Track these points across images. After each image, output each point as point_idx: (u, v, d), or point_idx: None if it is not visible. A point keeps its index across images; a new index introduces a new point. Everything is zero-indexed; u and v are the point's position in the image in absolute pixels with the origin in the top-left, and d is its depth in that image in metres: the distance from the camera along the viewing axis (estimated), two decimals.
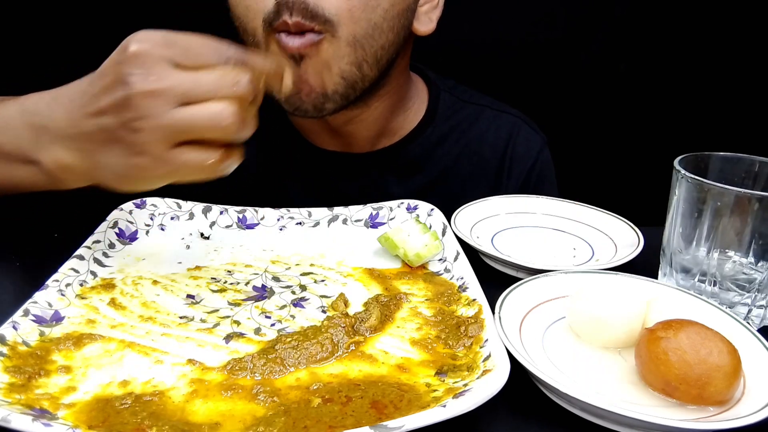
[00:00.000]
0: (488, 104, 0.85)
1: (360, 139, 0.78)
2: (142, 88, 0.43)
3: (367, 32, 0.63)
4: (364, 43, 0.64)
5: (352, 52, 0.64)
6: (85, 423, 0.36)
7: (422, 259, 0.57)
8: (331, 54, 0.62)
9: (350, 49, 0.63)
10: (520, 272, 0.58)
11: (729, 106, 1.11)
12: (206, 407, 0.39)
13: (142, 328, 0.47)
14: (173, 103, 0.43)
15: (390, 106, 0.76)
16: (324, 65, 0.63)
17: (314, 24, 0.60)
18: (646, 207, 0.67)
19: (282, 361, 0.43)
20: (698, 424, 0.35)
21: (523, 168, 0.82)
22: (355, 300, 0.52)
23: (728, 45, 1.08)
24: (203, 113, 0.44)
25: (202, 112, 0.44)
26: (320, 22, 0.60)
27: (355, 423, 0.37)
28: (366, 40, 0.64)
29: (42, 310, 0.46)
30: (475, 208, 0.68)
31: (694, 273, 0.52)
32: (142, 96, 0.43)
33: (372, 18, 0.63)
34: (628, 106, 1.13)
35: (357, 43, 0.63)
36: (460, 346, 0.45)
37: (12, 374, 0.39)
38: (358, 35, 0.63)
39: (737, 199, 0.48)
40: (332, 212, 0.66)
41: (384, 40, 0.65)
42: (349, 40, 0.62)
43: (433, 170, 0.81)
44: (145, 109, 0.43)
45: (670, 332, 0.40)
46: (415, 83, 0.82)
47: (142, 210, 0.63)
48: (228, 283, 0.54)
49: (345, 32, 0.62)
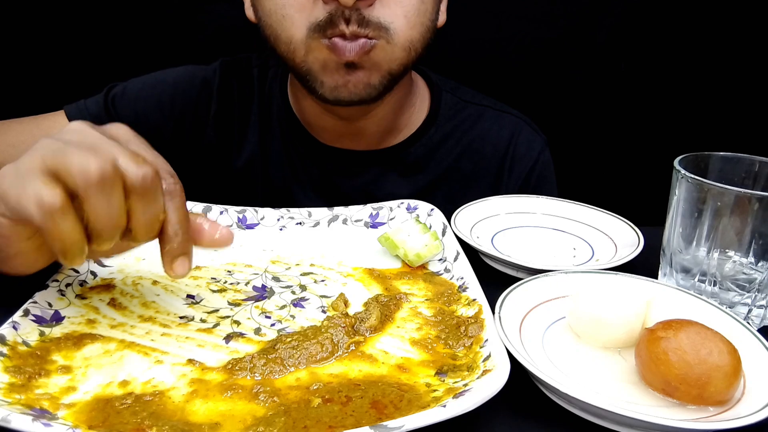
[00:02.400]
0: (489, 105, 0.85)
1: (368, 135, 0.78)
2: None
3: (422, 35, 0.66)
4: (419, 46, 0.67)
5: (405, 56, 0.66)
6: (85, 423, 0.36)
7: (422, 259, 0.57)
8: (383, 58, 0.64)
9: (405, 53, 0.66)
10: (520, 272, 0.58)
11: (729, 106, 1.11)
12: (206, 407, 0.39)
13: (142, 328, 0.47)
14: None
15: (398, 100, 0.77)
16: (375, 67, 0.65)
17: (369, 30, 0.61)
18: (646, 207, 0.67)
19: (282, 361, 0.43)
20: (698, 424, 0.35)
21: (524, 168, 0.82)
22: (355, 300, 0.52)
23: (728, 45, 1.08)
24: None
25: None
26: (375, 28, 0.62)
27: (355, 423, 0.37)
28: (420, 43, 0.67)
29: (42, 310, 0.46)
30: (475, 208, 0.68)
31: (694, 273, 0.52)
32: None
33: (425, 21, 0.66)
34: (628, 106, 1.13)
35: (412, 47, 0.66)
36: (460, 346, 0.45)
37: (12, 374, 0.39)
38: (414, 39, 0.65)
39: (737, 199, 0.48)
40: (332, 212, 0.66)
41: (428, 37, 0.68)
42: (405, 45, 0.65)
43: (435, 170, 0.81)
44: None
45: (670, 332, 0.40)
46: (417, 83, 0.82)
47: None
48: (228, 283, 0.54)
49: (402, 38, 0.64)
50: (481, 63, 1.07)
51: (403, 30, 0.64)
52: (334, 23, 0.61)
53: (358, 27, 0.61)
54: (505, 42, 1.09)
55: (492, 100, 0.86)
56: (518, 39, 1.09)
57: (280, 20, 0.64)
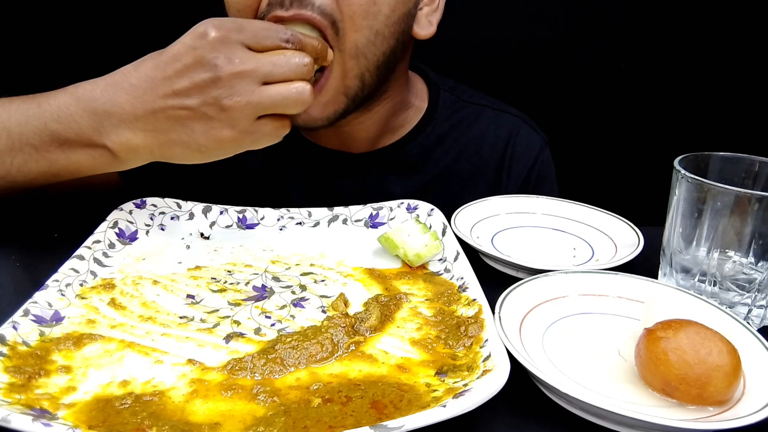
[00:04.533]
0: (488, 104, 0.85)
1: (359, 140, 0.77)
2: (231, 70, 0.49)
3: (369, 40, 0.62)
4: (366, 53, 0.63)
5: (355, 65, 0.63)
6: (85, 423, 0.36)
7: (422, 259, 0.57)
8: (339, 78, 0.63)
9: (354, 62, 0.62)
10: (520, 272, 0.58)
11: (729, 106, 1.11)
12: (206, 407, 0.39)
13: (142, 328, 0.47)
14: (258, 82, 0.50)
15: (390, 108, 0.76)
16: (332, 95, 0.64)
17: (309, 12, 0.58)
18: (646, 207, 0.67)
19: (282, 361, 0.43)
20: (698, 424, 0.35)
21: (523, 168, 0.82)
22: (355, 300, 0.52)
23: (728, 45, 1.08)
24: (290, 91, 0.51)
25: (290, 90, 0.51)
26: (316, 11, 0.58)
27: (355, 423, 0.37)
28: (368, 48, 0.62)
29: (42, 310, 0.46)
30: (475, 208, 0.68)
31: (694, 273, 0.52)
32: (230, 77, 0.49)
33: (373, 25, 0.62)
34: (628, 106, 1.13)
35: (359, 54, 0.62)
36: (460, 346, 0.45)
37: (12, 374, 0.39)
38: (360, 44, 0.62)
39: (737, 199, 0.48)
40: (332, 212, 0.66)
41: (385, 46, 0.64)
42: (352, 51, 0.61)
43: (432, 169, 0.81)
44: (234, 88, 0.50)
45: (669, 332, 0.40)
46: (414, 83, 0.82)
47: (142, 210, 0.63)
48: (228, 283, 0.54)
49: (348, 43, 0.61)
50: (481, 63, 1.07)
51: (347, 33, 0.60)
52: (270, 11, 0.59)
53: (298, 9, 0.58)
54: (505, 42, 1.09)
55: (491, 99, 0.86)
56: (518, 39, 1.09)
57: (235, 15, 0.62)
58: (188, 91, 0.50)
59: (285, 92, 0.51)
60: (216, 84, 0.49)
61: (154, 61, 0.52)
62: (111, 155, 0.54)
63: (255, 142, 0.53)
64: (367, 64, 0.64)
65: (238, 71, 0.49)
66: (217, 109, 0.50)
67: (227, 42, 0.50)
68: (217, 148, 0.53)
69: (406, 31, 0.67)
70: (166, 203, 0.64)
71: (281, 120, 0.54)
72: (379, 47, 0.64)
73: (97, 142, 0.53)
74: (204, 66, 0.49)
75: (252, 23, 0.52)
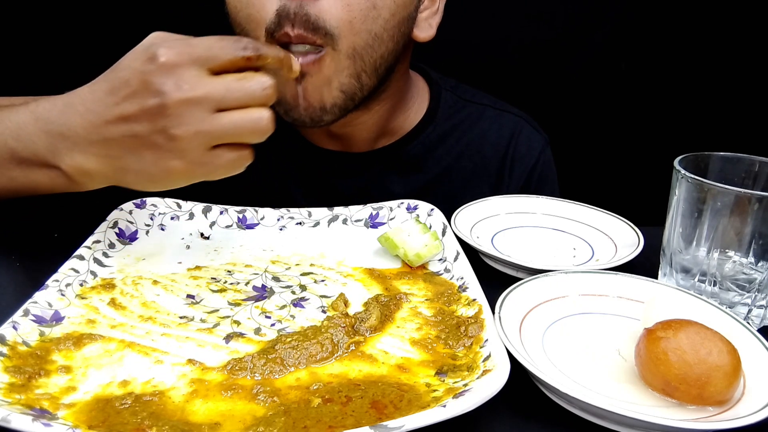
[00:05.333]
0: (490, 103, 0.85)
1: (359, 141, 0.77)
2: (179, 97, 0.45)
3: (367, 43, 0.62)
4: (364, 55, 0.63)
5: (351, 65, 0.63)
6: (85, 423, 0.36)
7: (422, 259, 0.57)
8: (332, 69, 0.62)
9: (350, 62, 0.62)
10: (520, 272, 0.58)
11: (729, 106, 1.11)
12: (206, 407, 0.39)
13: (142, 328, 0.47)
14: (210, 110, 0.46)
15: (390, 108, 0.76)
16: (324, 81, 0.63)
17: (316, 37, 0.59)
18: (646, 207, 0.67)
19: (282, 361, 0.43)
20: (698, 424, 0.35)
21: (525, 168, 0.82)
22: (355, 300, 0.52)
23: (728, 45, 1.08)
24: (245, 119, 0.47)
25: (244, 118, 0.47)
26: (321, 35, 0.59)
27: (355, 423, 0.37)
28: (366, 51, 0.63)
29: (42, 310, 0.46)
30: (475, 208, 0.68)
31: (694, 273, 0.52)
32: (178, 104, 0.45)
33: (372, 29, 0.62)
34: (628, 106, 1.13)
35: (356, 55, 0.62)
36: (460, 346, 0.45)
37: (12, 374, 0.39)
38: (358, 47, 0.62)
39: (737, 199, 0.48)
40: (332, 212, 0.66)
41: (384, 49, 0.64)
42: (348, 52, 0.62)
43: (433, 169, 0.81)
44: (182, 116, 0.46)
45: (669, 332, 0.40)
46: (415, 83, 0.82)
47: (142, 210, 0.63)
48: (228, 283, 0.54)
49: (345, 44, 0.61)
50: (481, 63, 1.07)
51: (346, 36, 0.60)
52: (281, 24, 0.59)
53: (304, 30, 0.59)
54: (504, 42, 1.09)
55: (493, 98, 0.86)
56: (518, 39, 1.09)
57: (246, 19, 0.62)
58: (137, 117, 0.46)
59: (239, 120, 0.47)
60: (163, 112, 0.46)
61: (108, 84, 0.48)
62: (66, 178, 0.51)
63: (209, 173, 0.49)
64: (363, 66, 0.64)
65: (186, 98, 0.45)
66: (166, 138, 0.46)
67: (177, 65, 0.46)
68: (165, 178, 0.49)
69: (406, 34, 0.67)
70: (166, 203, 0.64)
71: (240, 150, 0.49)
72: (377, 50, 0.64)
73: (53, 163, 0.51)
74: (151, 92, 0.46)
75: (203, 40, 0.48)
